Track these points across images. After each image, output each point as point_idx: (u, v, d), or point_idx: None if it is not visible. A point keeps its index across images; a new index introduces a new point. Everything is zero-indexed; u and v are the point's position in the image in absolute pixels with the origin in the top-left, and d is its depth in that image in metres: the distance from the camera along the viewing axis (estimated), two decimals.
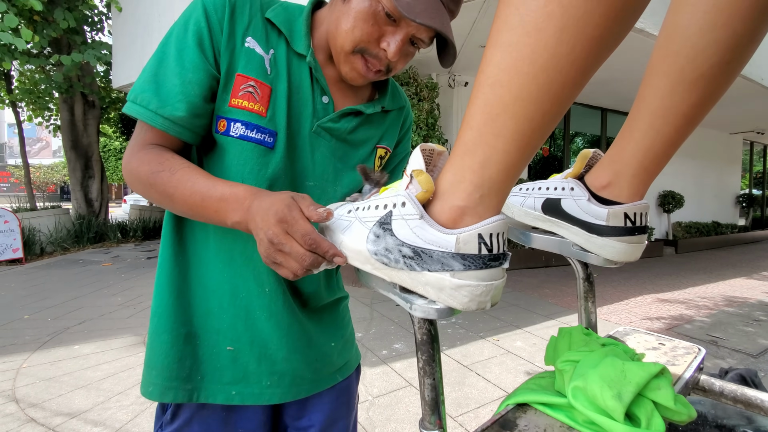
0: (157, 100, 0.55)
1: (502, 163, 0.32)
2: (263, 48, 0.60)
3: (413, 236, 0.34)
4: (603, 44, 0.27)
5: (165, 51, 0.57)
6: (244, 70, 0.58)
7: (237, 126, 0.58)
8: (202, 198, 0.52)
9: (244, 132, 0.58)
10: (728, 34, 0.40)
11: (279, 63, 0.61)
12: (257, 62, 0.59)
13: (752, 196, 11.05)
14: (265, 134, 0.59)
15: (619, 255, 0.51)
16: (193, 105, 0.56)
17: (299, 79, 0.62)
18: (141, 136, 0.58)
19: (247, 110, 0.58)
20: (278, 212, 0.44)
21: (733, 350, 2.88)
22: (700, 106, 0.45)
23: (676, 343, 0.54)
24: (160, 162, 0.54)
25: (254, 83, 0.58)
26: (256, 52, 0.59)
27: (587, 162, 0.55)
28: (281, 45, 0.62)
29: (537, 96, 0.29)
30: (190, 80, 0.56)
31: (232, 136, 0.58)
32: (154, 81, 0.56)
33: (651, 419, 0.33)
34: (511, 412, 0.40)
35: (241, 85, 0.58)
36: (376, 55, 0.60)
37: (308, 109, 0.63)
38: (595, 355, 0.39)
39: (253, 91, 0.58)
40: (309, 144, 0.64)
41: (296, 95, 0.62)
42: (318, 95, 0.64)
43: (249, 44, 0.59)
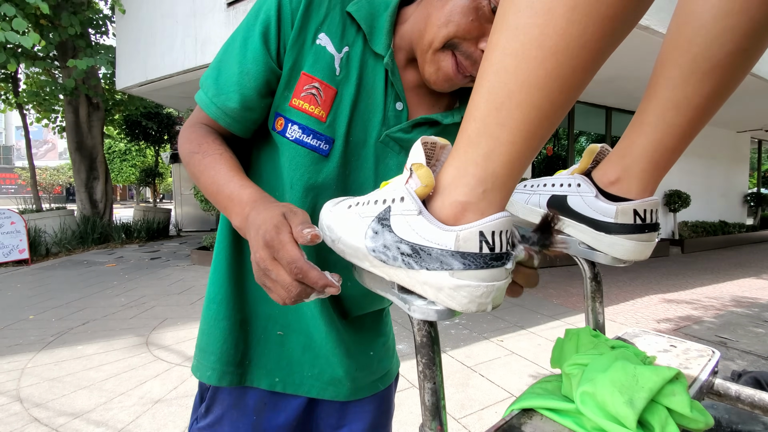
0: (214, 88, 0.56)
1: (506, 155, 0.30)
2: (336, 46, 0.56)
3: (412, 233, 0.33)
4: (617, 24, 0.25)
5: (233, 38, 0.56)
6: (310, 70, 0.55)
7: (294, 128, 0.56)
8: (216, 191, 0.52)
9: (300, 136, 0.56)
10: (745, 19, 0.38)
11: (351, 63, 0.57)
12: (326, 62, 0.55)
13: (760, 195, 10.92)
14: (321, 141, 0.56)
15: (629, 253, 0.49)
16: (246, 98, 0.55)
17: (372, 82, 0.58)
18: (197, 114, 0.60)
19: (306, 113, 0.55)
20: (266, 233, 0.40)
21: (743, 352, 2.83)
22: (715, 97, 0.42)
23: (689, 345, 0.51)
24: (200, 143, 0.56)
25: (318, 85, 0.55)
26: (327, 51, 0.55)
27: (595, 157, 0.53)
28: (358, 42, 0.57)
29: (545, 82, 0.27)
30: (248, 71, 0.55)
31: (288, 138, 0.56)
32: (216, 68, 0.57)
33: (665, 427, 0.31)
34: (515, 418, 0.38)
35: (304, 86, 0.55)
36: (470, 55, 0.52)
37: (378, 116, 0.58)
38: (605, 359, 0.37)
39: (316, 94, 0.55)
40: (374, 154, 0.59)
41: (366, 100, 0.58)
42: (391, 101, 0.59)
43: (320, 41, 0.55)
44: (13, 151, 30.75)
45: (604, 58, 0.27)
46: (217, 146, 0.56)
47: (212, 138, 0.57)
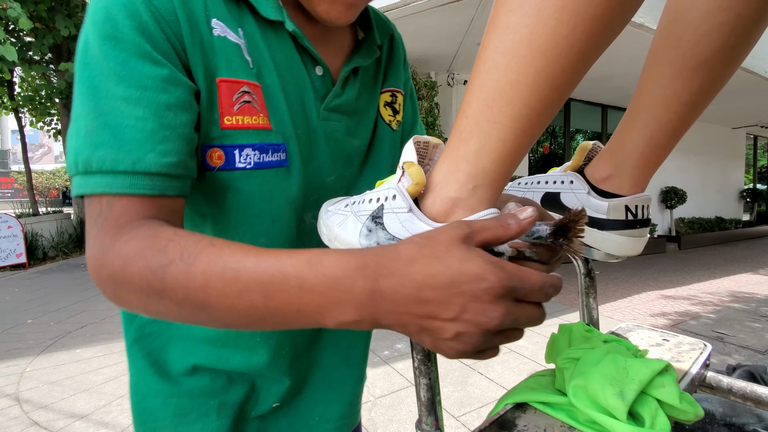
0: (125, 155, 0.34)
1: (497, 152, 0.30)
2: (233, 30, 0.43)
3: (403, 230, 0.33)
4: (606, 25, 0.26)
5: (97, 84, 0.36)
6: (227, 72, 0.41)
7: (247, 153, 0.43)
8: (264, 294, 0.30)
9: (260, 158, 0.43)
10: (733, 16, 0.39)
11: (256, 45, 0.44)
12: (237, 55, 0.42)
13: (756, 190, 10.97)
14: (278, 152, 0.45)
15: (621, 249, 0.49)
16: (185, 138, 0.38)
17: (285, 57, 0.46)
18: (106, 219, 0.35)
19: (252, 128, 0.43)
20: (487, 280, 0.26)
21: (740, 347, 2.85)
22: (704, 93, 0.43)
23: (681, 339, 0.52)
24: (161, 248, 0.32)
25: (248, 87, 0.43)
26: (230, 41, 0.42)
27: (587, 154, 0.54)
28: (246, 18, 0.44)
29: (535, 80, 0.27)
30: (165, 103, 0.36)
31: (243, 167, 0.43)
32: (104, 130, 0.35)
33: (655, 418, 0.32)
34: (510, 412, 0.38)
35: (232, 95, 0.41)
36: None
37: (308, 94, 0.49)
38: (597, 353, 0.37)
39: (251, 100, 0.43)
40: (321, 135, 0.50)
41: (290, 82, 0.47)
42: (311, 70, 0.49)
43: (218, 30, 0.41)
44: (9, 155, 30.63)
45: (594, 58, 0.28)
46: (191, 236, 0.33)
47: (170, 230, 0.34)
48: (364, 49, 0.53)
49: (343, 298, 0.28)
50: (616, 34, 0.27)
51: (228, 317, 0.31)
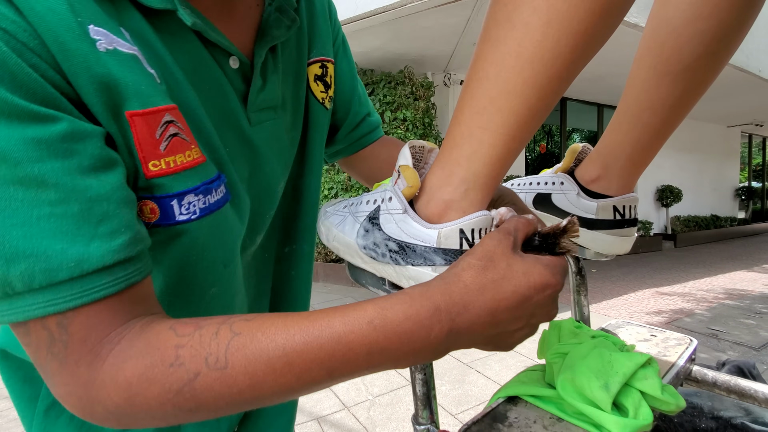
0: (59, 258, 0.24)
1: (487, 157, 0.32)
2: (119, 35, 0.29)
3: (398, 231, 0.35)
4: (588, 39, 0.27)
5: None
6: (137, 101, 0.28)
7: (189, 201, 0.32)
8: (328, 371, 0.26)
9: (206, 202, 0.33)
10: (714, 24, 0.41)
11: (153, 49, 0.31)
12: (140, 72, 0.29)
13: (751, 188, 11.06)
14: (220, 186, 0.35)
15: (609, 247, 0.51)
16: (126, 202, 0.28)
17: (189, 57, 0.34)
18: (65, 345, 0.25)
19: (189, 167, 0.31)
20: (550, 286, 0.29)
21: (734, 343, 2.88)
22: (687, 97, 0.45)
23: (668, 335, 0.54)
24: (173, 362, 0.25)
25: (170, 115, 0.30)
26: (123, 53, 0.28)
27: (576, 156, 0.55)
28: (126, 10, 0.30)
29: (522, 89, 0.29)
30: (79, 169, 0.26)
31: (187, 220, 0.32)
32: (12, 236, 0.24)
33: (638, 409, 0.34)
34: (502, 405, 0.40)
35: (154, 131, 0.29)
36: None
37: (230, 97, 0.38)
38: (584, 347, 0.39)
39: (178, 130, 0.31)
40: (259, 143, 0.42)
41: (204, 88, 0.36)
42: (225, 63, 0.37)
43: (102, 42, 0.27)
44: None
45: (578, 69, 0.30)
46: (201, 325, 0.27)
47: (170, 328, 0.27)
48: (276, 15, 0.41)
49: (420, 346, 0.27)
50: (599, 46, 0.29)
51: (284, 397, 0.27)
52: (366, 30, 3.92)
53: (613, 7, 0.26)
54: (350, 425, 1.91)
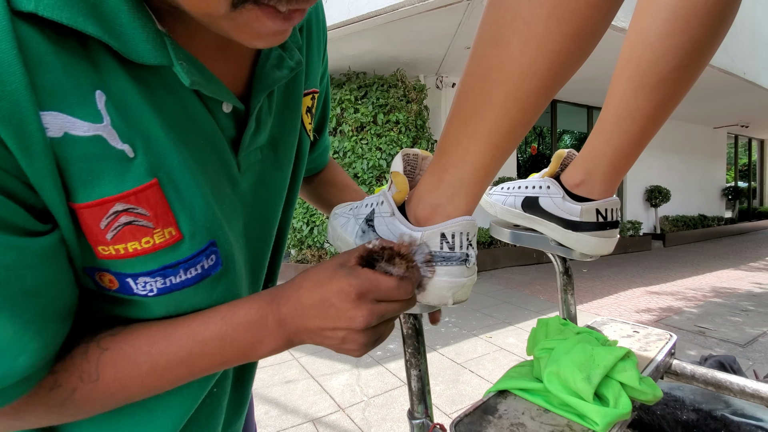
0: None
1: (473, 164, 0.34)
2: (80, 108, 0.26)
3: (388, 232, 0.37)
4: (563, 59, 0.30)
5: None
6: (83, 192, 0.27)
7: (145, 281, 0.31)
8: (187, 366, 0.31)
9: (165, 282, 0.32)
10: (686, 39, 0.43)
11: (135, 113, 0.28)
12: (97, 156, 0.27)
13: (738, 188, 11.28)
14: (203, 260, 0.33)
15: (593, 248, 0.54)
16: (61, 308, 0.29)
17: (181, 109, 0.31)
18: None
19: (145, 253, 0.30)
20: (346, 290, 0.31)
21: (721, 340, 2.95)
22: (663, 107, 0.48)
23: (650, 331, 0.57)
24: (52, 387, 0.30)
25: (123, 203, 0.28)
26: (78, 137, 0.26)
27: (562, 162, 0.58)
28: (110, 69, 0.27)
29: (504, 102, 0.31)
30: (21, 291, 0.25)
31: (145, 295, 0.31)
32: None
33: (618, 399, 0.36)
34: (492, 399, 0.42)
35: (98, 223, 0.28)
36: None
37: (223, 150, 0.35)
38: (568, 343, 0.41)
39: (135, 217, 0.29)
40: (248, 189, 0.39)
41: (198, 146, 0.33)
42: (217, 110, 0.34)
43: (52, 129, 0.25)
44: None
45: (557, 85, 0.32)
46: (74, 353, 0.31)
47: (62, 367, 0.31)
48: (278, 53, 0.37)
49: (261, 334, 0.33)
50: (575, 66, 0.31)
51: (153, 393, 0.33)
52: (359, 33, 3.95)
53: (585, 31, 0.29)
54: (345, 426, 1.93)
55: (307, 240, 4.85)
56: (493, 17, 0.31)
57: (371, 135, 4.62)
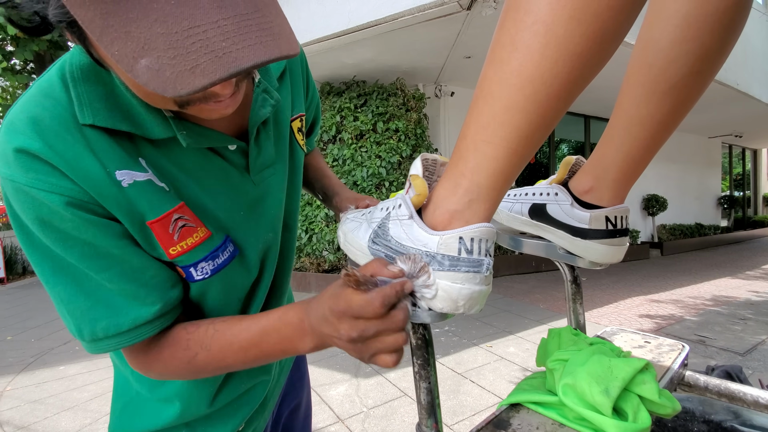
0: (124, 318, 0.43)
1: (490, 169, 0.33)
2: (137, 167, 0.42)
3: (404, 235, 0.36)
4: (584, 62, 0.29)
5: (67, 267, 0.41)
6: (152, 214, 0.42)
7: (202, 266, 0.47)
8: (259, 348, 0.45)
9: (214, 264, 0.48)
10: (697, 46, 0.43)
11: (164, 168, 0.45)
12: (153, 191, 0.43)
13: (733, 197, 11.35)
14: (227, 248, 0.49)
15: (602, 257, 0.53)
16: (162, 281, 0.45)
17: (194, 160, 0.47)
18: (131, 350, 0.46)
19: (197, 245, 0.46)
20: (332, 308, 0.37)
21: (720, 349, 2.93)
22: (674, 113, 0.47)
23: (661, 341, 0.55)
24: (185, 347, 0.46)
25: (177, 213, 0.44)
26: (141, 182, 0.42)
27: (570, 168, 0.57)
28: (142, 144, 0.43)
29: (524, 106, 0.31)
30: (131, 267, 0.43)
31: (203, 278, 0.48)
32: (97, 307, 0.42)
33: (637, 413, 0.35)
34: (504, 412, 0.41)
35: (167, 229, 0.43)
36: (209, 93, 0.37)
37: (235, 176, 0.50)
38: (583, 354, 0.40)
39: (185, 222, 0.45)
40: (264, 196, 0.54)
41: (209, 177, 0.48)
42: (225, 151, 0.48)
43: (126, 180, 0.41)
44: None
45: (577, 89, 0.31)
46: (201, 327, 0.47)
47: (187, 329, 0.47)
48: (263, 96, 0.50)
49: (302, 334, 0.42)
50: (596, 69, 0.31)
51: (241, 365, 0.47)
52: (359, 43, 3.98)
53: (607, 34, 0.28)
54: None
55: (305, 248, 4.82)
56: (511, 21, 0.30)
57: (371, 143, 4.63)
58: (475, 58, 4.56)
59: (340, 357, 2.81)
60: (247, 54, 0.29)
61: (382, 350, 0.36)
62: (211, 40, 0.29)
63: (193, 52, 0.29)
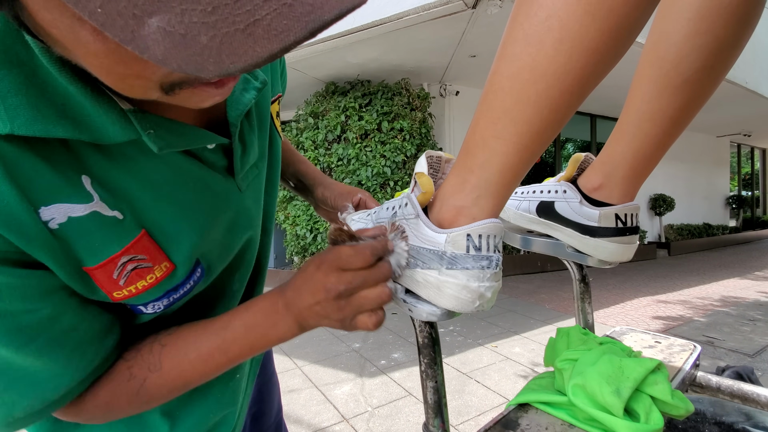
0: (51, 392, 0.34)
1: (500, 165, 0.33)
2: (76, 195, 0.31)
3: (411, 234, 0.36)
4: (599, 57, 0.29)
5: None
6: (92, 259, 0.33)
7: (154, 304, 0.39)
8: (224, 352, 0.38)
9: (171, 299, 0.39)
10: (711, 39, 0.42)
11: (118, 186, 0.33)
12: (97, 226, 0.32)
13: (741, 197, 11.21)
14: (193, 276, 0.40)
15: (612, 255, 0.52)
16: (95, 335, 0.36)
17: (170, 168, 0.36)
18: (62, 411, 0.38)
19: (150, 287, 0.36)
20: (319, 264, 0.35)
21: (729, 350, 2.90)
22: (686, 109, 0.46)
23: (672, 341, 0.55)
24: (130, 376, 0.38)
25: (127, 254, 0.34)
26: (78, 217, 0.31)
27: (579, 165, 0.57)
28: (89, 156, 0.32)
29: (536, 101, 0.30)
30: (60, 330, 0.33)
31: (153, 312, 0.39)
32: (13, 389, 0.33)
33: (649, 414, 0.34)
34: (513, 412, 0.40)
35: (111, 275, 0.34)
36: None
37: (217, 182, 0.40)
38: (593, 353, 0.39)
39: (138, 263, 0.35)
40: (249, 201, 0.46)
41: (188, 189, 0.37)
42: (203, 151, 0.38)
43: (55, 219, 0.30)
44: None
45: (591, 84, 0.31)
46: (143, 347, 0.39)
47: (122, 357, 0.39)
48: (244, 78, 0.40)
49: (274, 318, 0.38)
50: (611, 64, 0.30)
51: (201, 377, 0.39)
52: (363, 42, 3.97)
53: (622, 29, 0.28)
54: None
55: (310, 247, 4.83)
56: (524, 15, 0.29)
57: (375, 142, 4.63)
58: (481, 57, 4.54)
59: (345, 356, 2.81)
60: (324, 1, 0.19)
61: (365, 306, 0.35)
62: None
63: (246, 2, 0.18)
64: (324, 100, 4.95)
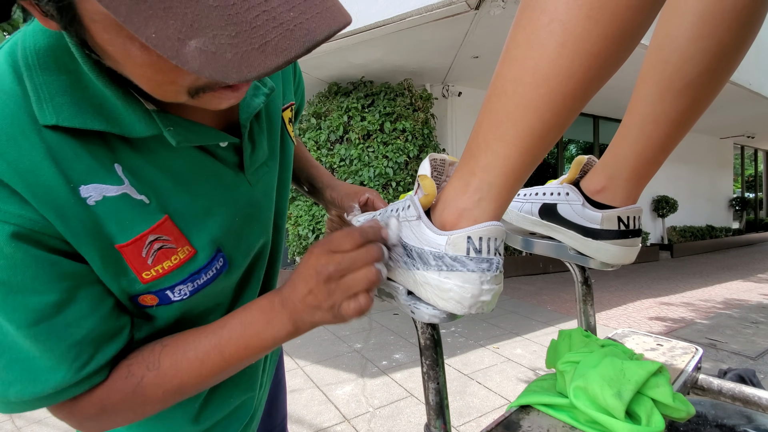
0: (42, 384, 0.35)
1: (502, 168, 0.33)
2: (110, 179, 0.36)
3: (412, 236, 0.36)
4: (601, 62, 0.29)
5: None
6: (123, 236, 0.36)
7: (179, 288, 0.41)
8: (219, 351, 0.39)
9: (195, 284, 0.42)
10: (714, 43, 0.42)
11: (145, 175, 0.38)
12: (128, 207, 0.36)
13: (745, 199, 11.16)
14: (215, 264, 0.43)
15: (614, 257, 0.52)
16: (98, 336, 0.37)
17: (182, 160, 0.40)
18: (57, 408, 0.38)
19: (176, 268, 0.39)
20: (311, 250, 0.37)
21: (732, 353, 2.89)
22: (689, 112, 0.46)
23: (674, 344, 0.55)
24: (127, 375, 0.38)
25: (154, 233, 0.38)
26: (112, 197, 0.36)
27: (582, 168, 0.57)
28: (119, 147, 0.37)
29: (538, 104, 0.30)
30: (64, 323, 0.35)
31: (181, 299, 0.41)
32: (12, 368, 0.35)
33: (651, 417, 0.34)
34: (514, 414, 0.40)
35: (140, 253, 0.37)
36: None
37: (228, 176, 0.44)
38: (595, 356, 0.40)
39: (163, 243, 0.39)
40: (260, 196, 0.49)
41: (199, 182, 0.42)
42: (216, 148, 0.43)
43: (92, 197, 0.35)
44: None
45: (593, 88, 0.31)
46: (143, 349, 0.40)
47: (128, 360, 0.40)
48: (255, 84, 0.45)
49: (270, 315, 0.38)
50: (613, 68, 0.30)
51: (199, 381, 0.40)
52: (366, 43, 3.98)
53: (625, 33, 0.28)
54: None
55: None
56: (527, 19, 0.30)
57: (378, 143, 4.63)
58: (483, 58, 4.54)
59: (347, 357, 2.81)
60: (318, 24, 0.25)
61: (354, 288, 0.35)
62: (276, 11, 0.24)
63: (259, 27, 0.24)
64: (327, 100, 4.95)
